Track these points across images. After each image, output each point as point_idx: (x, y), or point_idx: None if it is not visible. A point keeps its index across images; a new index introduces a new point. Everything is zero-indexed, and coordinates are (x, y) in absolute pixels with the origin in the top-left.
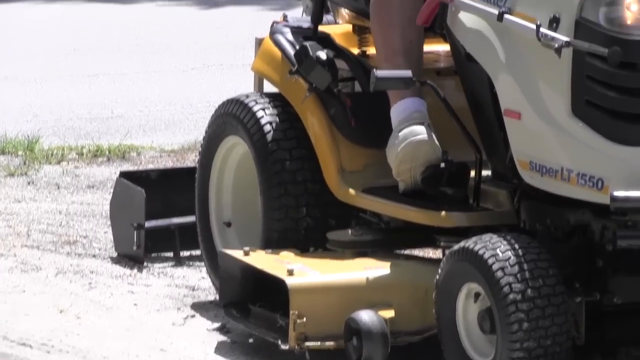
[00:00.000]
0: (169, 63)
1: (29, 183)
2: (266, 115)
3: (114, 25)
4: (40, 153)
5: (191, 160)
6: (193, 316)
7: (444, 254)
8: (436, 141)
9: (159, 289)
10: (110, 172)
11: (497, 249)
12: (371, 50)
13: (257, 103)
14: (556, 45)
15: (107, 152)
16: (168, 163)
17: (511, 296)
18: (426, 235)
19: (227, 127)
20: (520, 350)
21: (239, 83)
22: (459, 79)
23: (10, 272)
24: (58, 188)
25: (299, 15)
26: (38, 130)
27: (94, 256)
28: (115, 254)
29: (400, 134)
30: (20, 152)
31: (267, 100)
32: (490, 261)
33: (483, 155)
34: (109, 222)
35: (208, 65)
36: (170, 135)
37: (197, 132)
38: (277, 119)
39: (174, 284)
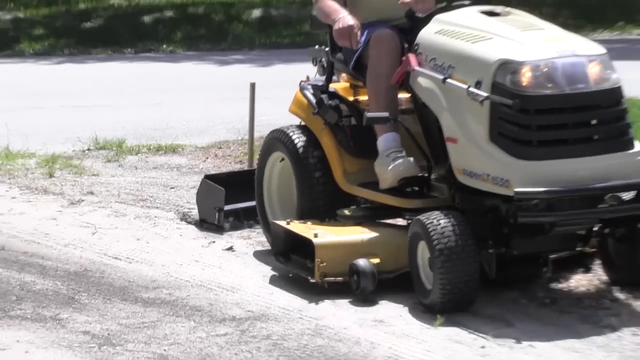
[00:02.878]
0: (197, 98)
1: (119, 166)
2: (298, 139)
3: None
4: (126, 148)
5: (212, 153)
6: (214, 242)
7: (408, 223)
8: (413, 165)
9: (195, 232)
10: (166, 160)
11: (435, 219)
12: (361, 98)
13: (293, 132)
14: (480, 99)
15: (164, 149)
16: (200, 154)
17: (439, 246)
18: (396, 211)
19: (274, 146)
20: (446, 279)
21: (240, 112)
22: (416, 116)
23: (108, 217)
24: (136, 169)
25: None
26: (124, 135)
27: (156, 208)
28: (170, 206)
29: (387, 157)
30: (114, 148)
31: (299, 130)
32: (429, 227)
33: (432, 163)
34: (166, 189)
35: (222, 99)
36: (201, 138)
37: (216, 137)
38: (306, 140)
39: (205, 229)
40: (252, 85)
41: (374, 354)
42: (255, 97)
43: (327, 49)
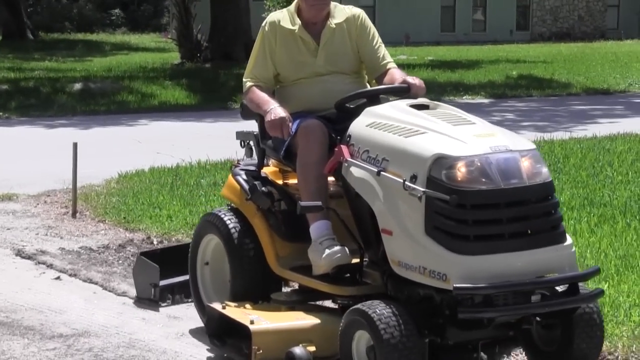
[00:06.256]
0: (29, 155)
1: None
2: (231, 222)
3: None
4: None
5: (42, 200)
6: (44, 272)
7: (339, 307)
8: (347, 253)
9: (28, 264)
10: (3, 206)
11: (378, 309)
12: (291, 182)
13: (225, 215)
14: (418, 195)
15: (1, 197)
16: (32, 201)
17: (385, 336)
18: (327, 295)
19: (207, 229)
20: None
21: (64, 166)
22: (348, 204)
23: None
24: None
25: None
26: None
27: None
28: (7, 244)
29: (320, 245)
30: None
31: (231, 213)
32: (374, 316)
33: (363, 249)
34: (3, 230)
35: (50, 156)
36: (32, 188)
37: (45, 187)
38: (238, 224)
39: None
40: (75, 145)
41: None
42: (77, 154)
43: (255, 132)
